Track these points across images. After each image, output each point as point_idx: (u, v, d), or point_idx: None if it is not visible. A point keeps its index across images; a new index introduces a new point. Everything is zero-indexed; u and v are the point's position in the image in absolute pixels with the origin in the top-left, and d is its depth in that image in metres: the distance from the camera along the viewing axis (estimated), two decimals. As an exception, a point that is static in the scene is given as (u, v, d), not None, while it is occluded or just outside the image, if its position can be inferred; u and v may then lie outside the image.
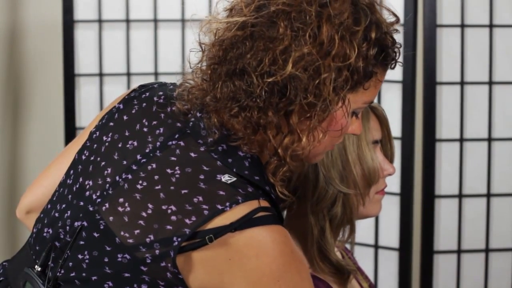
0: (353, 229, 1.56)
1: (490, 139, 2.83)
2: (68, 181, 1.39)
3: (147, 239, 1.27)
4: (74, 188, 1.37)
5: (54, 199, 1.41)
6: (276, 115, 1.28)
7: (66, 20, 2.94)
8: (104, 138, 1.38)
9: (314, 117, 1.28)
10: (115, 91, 3.01)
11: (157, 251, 1.26)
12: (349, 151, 1.49)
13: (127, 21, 2.99)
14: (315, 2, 1.28)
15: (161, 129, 1.35)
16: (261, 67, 1.26)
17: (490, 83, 2.82)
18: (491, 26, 2.79)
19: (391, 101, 2.82)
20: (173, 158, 1.31)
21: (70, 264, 1.33)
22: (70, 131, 2.99)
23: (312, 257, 1.52)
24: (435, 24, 2.77)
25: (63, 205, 1.38)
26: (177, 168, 1.30)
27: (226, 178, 1.28)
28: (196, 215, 1.25)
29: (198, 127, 1.32)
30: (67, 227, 1.35)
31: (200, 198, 1.26)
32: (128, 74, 3.01)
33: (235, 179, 1.28)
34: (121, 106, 1.41)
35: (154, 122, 1.36)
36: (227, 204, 1.25)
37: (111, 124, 1.39)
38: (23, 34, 3.24)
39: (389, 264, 2.89)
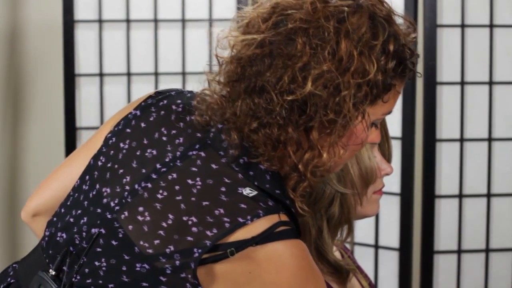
0: (351, 229, 1.55)
1: (490, 139, 2.83)
2: (83, 186, 1.39)
3: (167, 250, 1.26)
4: (91, 195, 1.36)
5: (68, 203, 1.40)
6: (296, 131, 1.27)
7: (66, 20, 2.94)
8: (121, 145, 1.37)
9: (334, 133, 1.28)
10: (115, 91, 3.01)
11: (177, 262, 1.26)
12: (346, 151, 1.49)
13: (127, 21, 2.99)
14: (333, 17, 1.27)
15: (181, 139, 1.34)
16: (280, 85, 1.26)
17: (490, 83, 2.81)
18: (491, 26, 2.79)
19: (391, 101, 2.82)
20: (194, 169, 1.30)
21: (86, 270, 1.32)
22: (70, 131, 2.99)
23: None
24: (435, 24, 2.77)
25: (79, 211, 1.37)
26: (198, 179, 1.29)
27: (247, 191, 1.28)
28: (217, 228, 1.25)
29: (219, 139, 1.32)
30: (83, 233, 1.34)
31: (222, 211, 1.26)
32: (128, 74, 3.01)
33: (256, 192, 1.28)
34: (138, 112, 1.41)
35: (174, 131, 1.35)
36: (249, 217, 1.25)
37: (128, 130, 1.39)
38: (23, 34, 3.24)
39: (389, 264, 2.89)
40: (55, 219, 1.41)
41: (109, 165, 1.36)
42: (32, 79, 3.27)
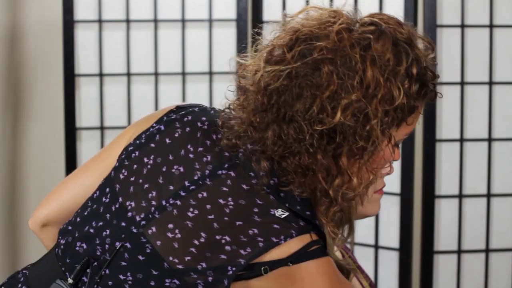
0: (352, 228, 1.55)
1: (490, 139, 2.83)
2: (103, 199, 1.39)
3: (199, 266, 1.28)
4: (113, 208, 1.37)
5: (86, 214, 1.40)
6: (325, 158, 1.29)
7: (66, 20, 2.94)
8: (145, 160, 1.38)
9: (363, 158, 1.30)
10: (115, 91, 3.01)
11: (210, 278, 1.27)
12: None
13: (127, 21, 2.99)
14: (358, 45, 1.28)
15: (209, 157, 1.36)
16: (309, 115, 1.27)
17: (490, 83, 2.82)
18: (491, 26, 2.79)
19: (391, 101, 2.82)
20: (225, 189, 1.32)
21: (110, 283, 1.33)
22: (70, 131, 2.99)
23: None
24: (435, 24, 2.77)
25: (100, 223, 1.37)
26: (229, 199, 1.31)
27: (279, 212, 1.30)
28: (251, 247, 1.28)
29: (249, 159, 1.33)
30: (106, 245, 1.35)
31: (256, 231, 1.28)
32: (128, 74, 3.01)
33: (288, 213, 1.30)
34: (162, 127, 1.41)
35: (200, 149, 1.37)
36: (282, 237, 1.28)
37: (152, 145, 1.39)
38: (23, 34, 3.24)
39: (389, 264, 2.89)
40: (70, 227, 1.41)
41: (132, 179, 1.37)
42: (32, 79, 3.27)
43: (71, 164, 2.98)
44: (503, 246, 2.87)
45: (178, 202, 1.32)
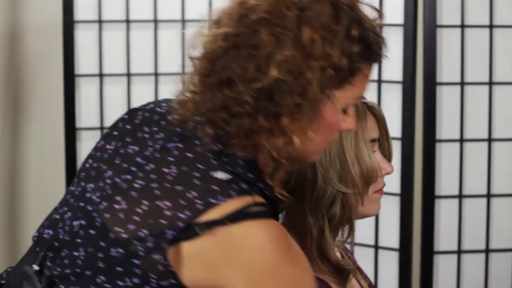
0: (352, 228, 1.55)
1: (490, 140, 2.83)
2: (71, 188, 1.43)
3: (141, 233, 1.29)
4: (77, 192, 1.40)
5: (58, 205, 1.44)
6: (266, 119, 1.30)
7: (66, 21, 2.94)
8: (107, 146, 1.42)
9: (303, 117, 1.31)
10: (115, 92, 3.01)
11: (149, 244, 1.28)
12: (347, 151, 1.49)
13: (127, 21, 2.99)
14: (295, 6, 1.30)
15: (161, 134, 1.38)
16: (247, 75, 1.29)
17: (490, 83, 2.82)
18: (491, 26, 2.79)
19: (391, 101, 2.82)
20: (170, 159, 1.34)
21: (66, 261, 1.35)
22: (70, 132, 2.99)
23: (312, 257, 1.52)
24: (435, 25, 2.77)
25: (65, 208, 1.41)
26: (173, 167, 1.33)
27: (220, 175, 1.31)
28: (190, 210, 1.28)
29: (196, 130, 1.35)
30: (66, 227, 1.38)
31: (195, 193, 1.29)
32: (128, 75, 3.01)
33: (229, 176, 1.30)
34: (126, 116, 1.45)
35: (155, 128, 1.40)
36: (220, 198, 1.28)
37: (115, 133, 1.44)
38: (23, 34, 3.24)
39: (389, 264, 2.89)
40: (45, 221, 1.45)
41: (95, 165, 1.41)
42: (32, 80, 3.27)
43: (71, 164, 2.98)
44: (503, 246, 2.87)
45: (129, 177, 1.35)
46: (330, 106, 1.33)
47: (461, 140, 2.83)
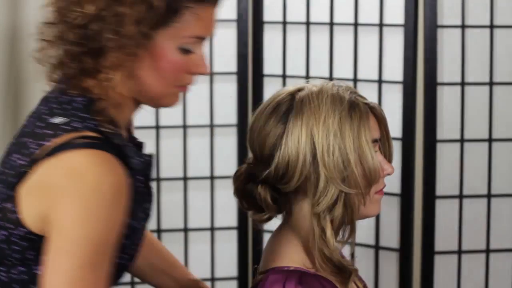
0: (354, 229, 1.55)
1: (490, 140, 2.83)
2: None
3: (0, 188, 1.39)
4: None
5: None
6: (91, 59, 1.37)
7: (67, 20, 2.93)
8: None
9: (126, 55, 1.35)
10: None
11: (2, 195, 1.37)
12: (349, 151, 1.49)
13: (128, 21, 2.98)
14: None
15: (40, 105, 1.49)
16: (68, 13, 1.37)
17: (491, 83, 2.82)
18: (491, 27, 2.79)
19: (391, 101, 2.82)
20: (31, 119, 1.44)
21: None
22: (70, 132, 2.98)
23: (315, 257, 1.52)
24: (435, 25, 2.77)
25: None
26: (26, 123, 1.43)
27: (56, 120, 1.38)
28: (28, 156, 1.36)
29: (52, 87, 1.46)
30: None
31: (31, 140, 1.37)
32: (129, 75, 3.00)
33: (65, 119, 1.37)
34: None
35: (37, 106, 1.50)
36: (48, 139, 1.35)
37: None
38: (23, 34, 3.24)
39: (390, 264, 2.89)
40: None
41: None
42: (32, 79, 3.27)
43: (71, 164, 2.98)
44: (503, 247, 2.87)
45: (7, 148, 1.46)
46: (161, 44, 1.37)
47: (462, 140, 2.83)
